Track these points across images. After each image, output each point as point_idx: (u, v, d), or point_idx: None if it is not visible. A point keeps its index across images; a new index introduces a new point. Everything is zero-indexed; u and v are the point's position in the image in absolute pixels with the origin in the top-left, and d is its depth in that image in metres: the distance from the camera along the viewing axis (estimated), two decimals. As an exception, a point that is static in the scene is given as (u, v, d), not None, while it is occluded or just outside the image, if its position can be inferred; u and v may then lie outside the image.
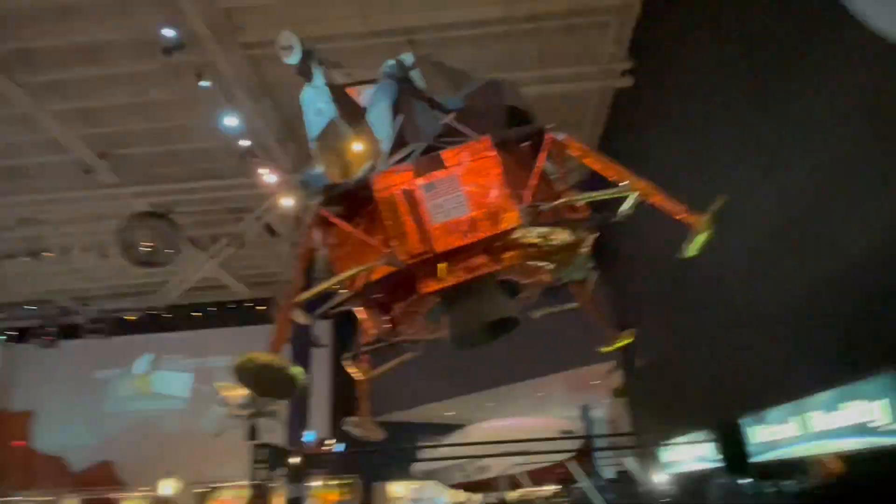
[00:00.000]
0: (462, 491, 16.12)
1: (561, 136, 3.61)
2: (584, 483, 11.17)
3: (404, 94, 3.84)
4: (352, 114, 3.87)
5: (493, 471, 13.18)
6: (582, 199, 3.51)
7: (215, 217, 16.24)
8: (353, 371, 4.56)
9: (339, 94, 3.91)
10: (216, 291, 21.37)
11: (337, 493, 16.82)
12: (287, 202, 13.08)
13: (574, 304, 4.66)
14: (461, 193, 3.20)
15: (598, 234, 3.89)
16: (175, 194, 14.66)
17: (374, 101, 3.92)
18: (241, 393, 13.21)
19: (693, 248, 3.37)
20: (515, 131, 3.77)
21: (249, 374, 2.92)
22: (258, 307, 21.66)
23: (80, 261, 16.43)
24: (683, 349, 9.63)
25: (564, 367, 15.23)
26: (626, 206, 3.38)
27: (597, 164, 3.63)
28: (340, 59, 4.58)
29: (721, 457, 6.60)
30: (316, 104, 3.92)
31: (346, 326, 18.01)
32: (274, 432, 14.83)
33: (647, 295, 11.34)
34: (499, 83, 4.09)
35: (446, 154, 3.31)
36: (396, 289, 3.45)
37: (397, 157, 3.62)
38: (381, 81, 3.97)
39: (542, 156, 3.51)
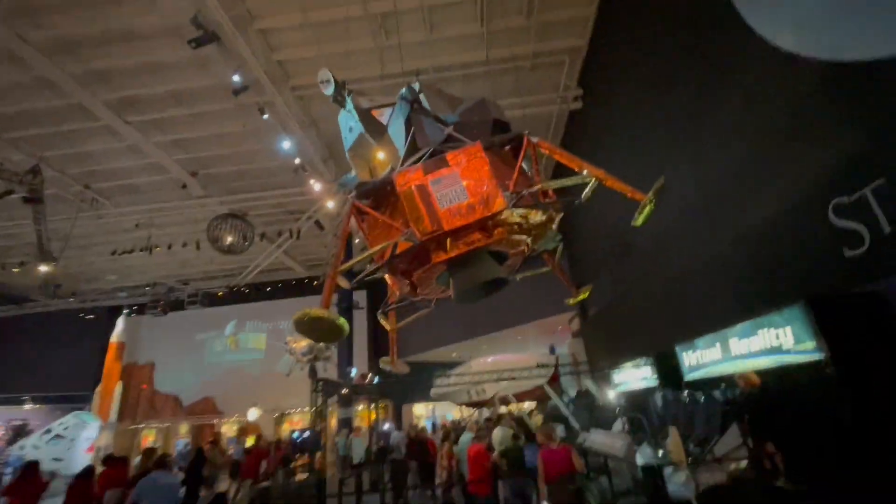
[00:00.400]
0: (466, 408, 16.13)
1: (535, 139, 3.48)
2: (555, 399, 11.14)
3: (415, 113, 3.70)
4: (376, 129, 3.75)
5: (488, 393, 13.15)
6: (552, 185, 3.37)
7: (278, 217, 16.15)
8: (385, 323, 4.47)
9: (365, 116, 3.78)
10: (281, 272, 21.35)
11: (375, 413, 16.85)
12: (330, 204, 12.96)
13: (546, 269, 4.56)
14: (461, 185, 3.10)
15: (564, 214, 3.78)
16: (248, 201, 14.53)
17: (393, 118, 3.79)
18: (303, 343, 13.17)
19: (642, 217, 3.25)
20: (499, 138, 3.64)
21: (304, 324, 2.80)
22: (313, 282, 21.71)
23: (180, 253, 16.32)
24: (628, 298, 9.51)
25: (538, 317, 15.19)
26: (587, 190, 3.26)
27: (563, 158, 3.50)
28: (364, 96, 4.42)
29: (660, 376, 6.50)
30: (348, 123, 3.81)
31: (377, 292, 18.08)
32: (328, 371, 14.81)
33: (599, 259, 11.20)
34: (485, 101, 3.95)
35: (449, 156, 3.20)
36: (414, 259, 3.36)
37: (411, 160, 3.49)
38: (397, 104, 3.82)
39: (522, 154, 3.38)
